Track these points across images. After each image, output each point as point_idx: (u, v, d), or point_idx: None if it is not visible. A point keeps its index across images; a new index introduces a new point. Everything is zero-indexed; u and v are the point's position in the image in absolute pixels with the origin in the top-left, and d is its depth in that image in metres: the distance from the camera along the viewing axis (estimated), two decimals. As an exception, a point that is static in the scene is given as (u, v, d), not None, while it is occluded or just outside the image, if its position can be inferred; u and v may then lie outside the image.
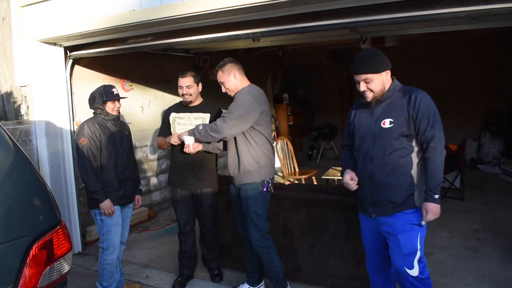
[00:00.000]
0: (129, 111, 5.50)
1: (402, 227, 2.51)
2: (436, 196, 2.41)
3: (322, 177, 5.87)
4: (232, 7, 2.99)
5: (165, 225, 5.54)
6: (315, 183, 6.24)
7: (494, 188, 6.76)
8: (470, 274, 3.75)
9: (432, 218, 2.43)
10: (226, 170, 3.49)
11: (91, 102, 3.41)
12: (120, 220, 3.41)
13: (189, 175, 3.58)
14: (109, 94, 3.35)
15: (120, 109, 3.47)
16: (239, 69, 3.23)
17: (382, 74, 2.47)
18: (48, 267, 1.84)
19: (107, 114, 3.38)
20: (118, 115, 3.48)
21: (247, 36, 3.42)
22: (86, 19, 3.84)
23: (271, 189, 3.24)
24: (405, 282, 2.54)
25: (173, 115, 3.68)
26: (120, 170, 3.39)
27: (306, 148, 9.85)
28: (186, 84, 3.53)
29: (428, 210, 2.43)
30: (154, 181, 6.10)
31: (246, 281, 3.54)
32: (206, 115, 3.56)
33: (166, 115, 3.75)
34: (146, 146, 5.89)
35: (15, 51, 4.61)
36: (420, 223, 2.50)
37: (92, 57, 4.77)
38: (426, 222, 2.47)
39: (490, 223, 5.05)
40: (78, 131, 3.32)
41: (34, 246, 1.77)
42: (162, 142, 3.66)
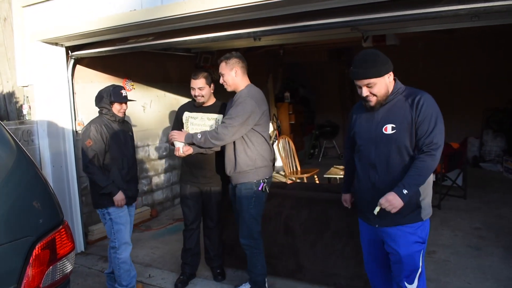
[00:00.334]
0: (130, 111, 5.48)
1: (405, 245, 2.38)
2: (405, 191, 2.23)
3: (324, 176, 5.87)
4: (233, 6, 2.98)
5: (167, 224, 5.55)
6: (317, 182, 6.25)
7: (496, 186, 6.75)
8: (472, 272, 3.75)
9: (387, 206, 2.26)
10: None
11: (98, 100, 3.38)
12: (128, 218, 3.44)
13: (199, 173, 3.61)
14: (117, 95, 3.34)
15: None
16: (243, 67, 3.22)
17: (385, 77, 2.31)
18: (51, 267, 1.84)
19: (113, 115, 3.37)
20: (124, 117, 3.49)
21: (248, 35, 3.43)
22: (88, 19, 3.84)
23: (266, 189, 3.23)
24: None
25: (186, 114, 3.66)
26: (125, 171, 3.41)
27: (308, 147, 9.85)
28: (198, 86, 3.50)
29: (389, 200, 2.24)
30: (156, 180, 6.11)
31: (248, 280, 3.54)
32: (219, 116, 3.54)
33: (179, 113, 3.74)
34: (148, 145, 5.90)
35: (17, 51, 4.61)
36: (424, 241, 2.38)
37: (93, 57, 4.78)
38: (378, 209, 2.30)
39: (492, 221, 5.04)
40: (84, 132, 3.30)
41: (37, 246, 1.77)
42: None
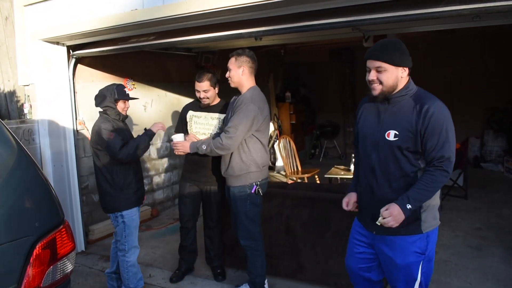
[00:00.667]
0: (132, 110, 5.46)
1: (402, 254, 2.25)
2: (409, 206, 2.09)
3: (325, 175, 5.86)
4: (234, 6, 2.98)
5: (167, 224, 5.55)
6: (318, 182, 6.24)
7: (497, 186, 6.74)
8: (473, 273, 3.75)
9: (388, 222, 2.11)
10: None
11: (100, 99, 3.31)
12: (139, 221, 3.43)
13: (201, 172, 3.62)
14: (121, 93, 3.34)
15: None
16: (251, 67, 3.20)
17: (399, 69, 2.16)
18: (51, 267, 1.84)
19: (118, 114, 3.36)
20: (127, 115, 3.49)
21: (250, 35, 3.42)
22: (89, 19, 3.84)
23: (259, 191, 3.21)
24: None
25: (190, 113, 3.69)
26: (135, 170, 3.41)
27: (309, 146, 9.85)
28: (203, 88, 3.51)
29: (393, 215, 2.10)
30: (157, 180, 6.11)
31: (247, 281, 3.54)
32: (223, 115, 3.55)
33: (184, 112, 3.76)
34: (149, 145, 5.89)
35: (18, 50, 4.62)
36: (423, 252, 2.23)
37: (94, 56, 4.78)
38: (380, 223, 2.15)
39: (493, 222, 5.04)
40: (99, 133, 3.19)
41: (37, 246, 1.77)
42: None
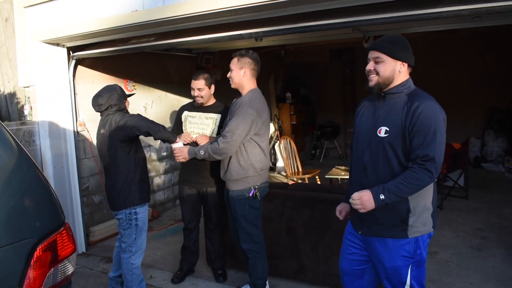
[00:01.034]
0: (132, 111, 5.43)
1: (389, 257, 2.22)
2: (382, 197, 2.06)
3: (326, 176, 5.86)
4: (234, 7, 2.98)
5: (168, 225, 5.55)
6: (319, 183, 6.24)
7: (498, 186, 6.73)
8: (474, 273, 3.74)
9: (355, 204, 2.12)
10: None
11: (117, 97, 3.29)
12: (147, 222, 3.45)
13: (196, 174, 3.64)
14: (124, 92, 3.42)
15: None
16: (253, 69, 3.18)
17: (397, 62, 2.16)
18: (52, 269, 1.84)
19: (127, 112, 3.40)
20: None
21: (250, 35, 3.42)
22: (89, 20, 3.84)
23: (257, 195, 3.18)
24: None
25: (185, 114, 3.73)
26: (146, 165, 3.44)
27: (309, 147, 9.84)
28: (197, 86, 3.54)
29: (362, 199, 2.10)
30: (157, 181, 6.11)
31: (248, 282, 3.53)
32: (217, 116, 3.57)
33: (180, 113, 3.80)
34: (150, 146, 5.90)
35: (18, 52, 4.62)
36: (412, 256, 2.19)
37: (95, 57, 4.79)
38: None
39: (494, 222, 5.03)
40: (127, 122, 3.19)
41: (38, 248, 1.77)
42: None
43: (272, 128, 7.98)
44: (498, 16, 3.36)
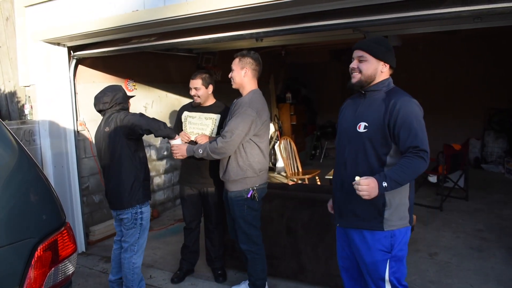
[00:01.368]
0: (132, 111, 5.49)
1: (367, 250, 2.30)
2: (384, 184, 2.06)
3: (326, 176, 5.84)
4: (235, 7, 2.98)
5: (168, 225, 5.55)
6: (319, 183, 6.24)
7: (498, 187, 6.74)
8: (474, 274, 3.74)
9: (361, 189, 2.06)
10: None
11: (122, 96, 3.35)
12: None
13: (196, 174, 3.65)
14: (126, 93, 3.44)
15: None
16: (254, 70, 3.17)
17: (380, 62, 2.28)
18: (53, 269, 1.84)
19: (129, 112, 3.41)
20: None
21: (251, 36, 3.41)
22: (90, 20, 3.84)
23: (256, 196, 3.17)
24: None
25: (185, 114, 3.75)
26: (147, 164, 3.44)
27: (309, 147, 9.83)
28: (194, 86, 3.57)
29: (370, 186, 2.05)
30: (157, 181, 6.11)
31: (248, 282, 3.53)
32: (217, 116, 3.58)
33: (180, 112, 3.82)
34: (150, 146, 5.90)
35: (19, 51, 4.62)
36: (389, 250, 2.25)
37: (95, 57, 4.78)
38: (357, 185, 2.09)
39: (494, 223, 5.04)
40: (129, 119, 3.21)
41: (39, 248, 1.77)
42: None
43: (272, 128, 7.98)
44: (499, 17, 3.37)
